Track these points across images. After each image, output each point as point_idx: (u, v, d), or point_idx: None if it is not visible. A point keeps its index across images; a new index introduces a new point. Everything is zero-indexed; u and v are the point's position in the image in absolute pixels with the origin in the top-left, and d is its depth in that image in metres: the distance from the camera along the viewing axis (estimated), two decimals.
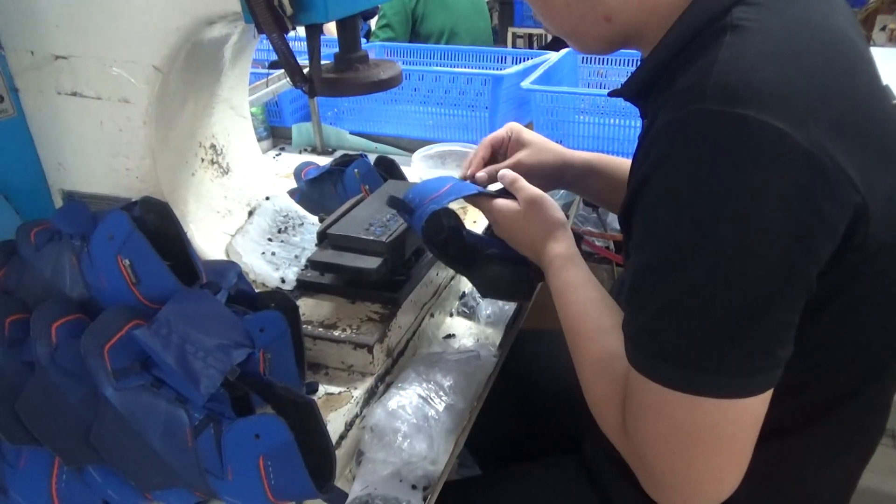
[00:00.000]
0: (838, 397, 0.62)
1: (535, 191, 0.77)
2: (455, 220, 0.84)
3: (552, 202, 0.78)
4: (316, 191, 1.13)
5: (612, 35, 0.64)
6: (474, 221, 1.14)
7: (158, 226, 0.72)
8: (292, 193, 1.13)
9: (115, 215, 0.65)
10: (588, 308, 0.69)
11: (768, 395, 0.53)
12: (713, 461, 0.54)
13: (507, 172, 0.80)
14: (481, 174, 0.87)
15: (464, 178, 0.88)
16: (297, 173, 1.19)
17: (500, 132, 0.91)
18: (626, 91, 0.65)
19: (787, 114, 0.47)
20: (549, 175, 0.89)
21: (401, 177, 1.13)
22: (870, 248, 0.52)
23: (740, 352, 0.50)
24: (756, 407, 0.52)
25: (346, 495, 0.62)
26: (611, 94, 0.69)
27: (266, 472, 0.58)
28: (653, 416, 0.55)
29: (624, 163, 0.91)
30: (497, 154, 0.92)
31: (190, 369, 0.58)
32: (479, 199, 0.81)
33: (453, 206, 0.83)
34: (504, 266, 0.83)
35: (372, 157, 1.14)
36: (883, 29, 3.72)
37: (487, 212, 0.81)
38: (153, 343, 0.58)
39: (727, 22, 0.53)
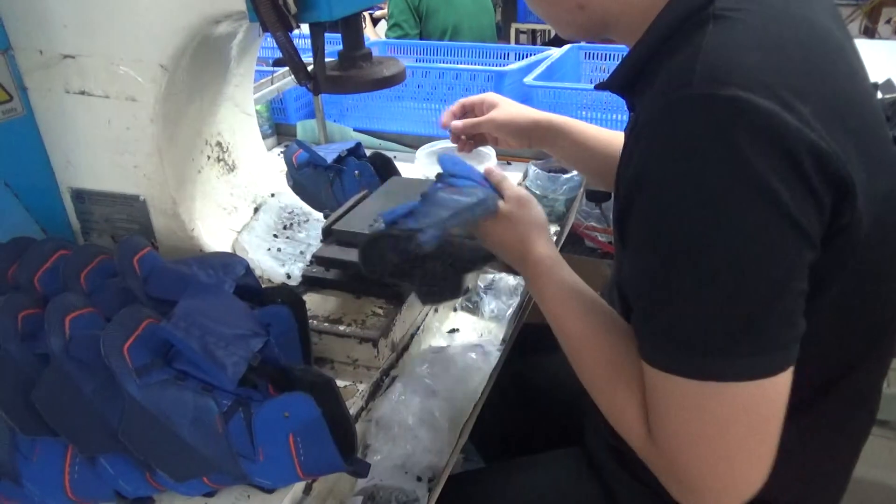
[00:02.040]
0: (828, 381, 0.62)
1: (522, 191, 0.77)
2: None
3: (535, 202, 0.77)
4: (311, 183, 1.13)
5: (586, 22, 0.64)
6: None
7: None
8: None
9: None
10: (588, 312, 0.67)
11: (791, 370, 0.52)
12: (750, 448, 0.53)
13: (494, 170, 0.80)
14: (457, 123, 0.98)
15: (443, 126, 0.99)
16: (288, 158, 1.18)
17: (475, 97, 1.01)
18: (612, 83, 0.65)
19: (774, 95, 0.48)
20: (517, 131, 0.98)
21: (396, 174, 1.14)
22: (857, 227, 0.52)
23: (763, 330, 0.50)
24: (784, 383, 0.52)
25: (369, 466, 0.64)
26: (597, 87, 0.69)
27: (296, 450, 0.59)
28: (684, 414, 0.53)
29: (588, 128, 0.99)
30: (469, 115, 1.02)
31: (215, 357, 0.59)
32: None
33: None
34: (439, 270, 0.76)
35: (369, 153, 1.15)
36: (888, 22, 3.70)
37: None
38: (178, 334, 0.59)
39: (709, 12, 0.53)
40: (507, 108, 0.99)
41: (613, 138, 0.96)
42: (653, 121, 0.52)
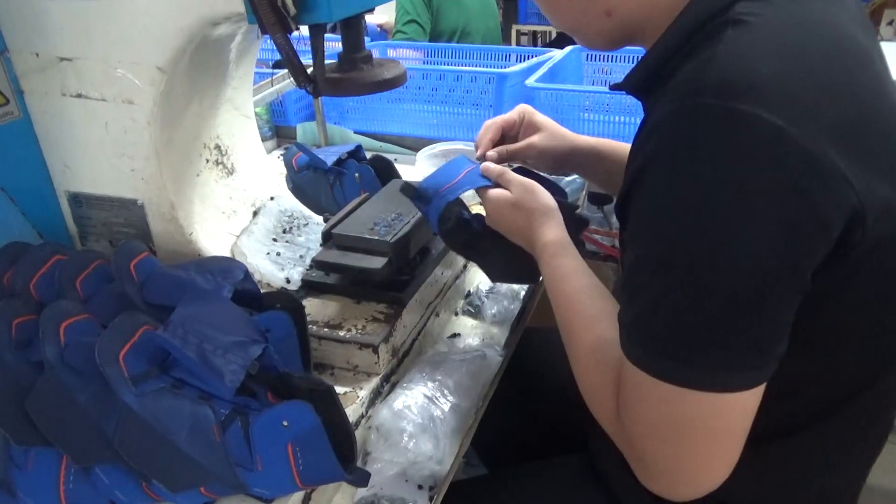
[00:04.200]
0: (843, 396, 0.62)
1: (524, 179, 0.78)
2: (462, 206, 0.83)
3: (541, 189, 0.77)
4: (311, 186, 1.12)
5: (613, 30, 0.64)
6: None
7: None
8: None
9: None
10: (581, 296, 0.69)
11: (760, 389, 0.53)
12: (703, 452, 0.54)
13: (491, 166, 0.80)
14: (492, 153, 0.88)
15: (477, 160, 0.87)
16: (288, 160, 1.17)
17: (512, 115, 0.92)
18: (627, 84, 0.65)
19: (784, 110, 0.47)
20: (557, 158, 0.91)
21: (397, 177, 1.13)
22: (866, 247, 0.52)
23: (731, 347, 0.50)
24: (747, 401, 0.53)
25: (369, 475, 0.64)
26: (612, 88, 0.69)
27: (295, 459, 0.59)
28: (645, 407, 0.55)
29: (625, 148, 0.92)
30: (507, 136, 0.92)
31: (212, 365, 0.58)
32: (477, 190, 0.81)
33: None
34: (510, 249, 0.81)
35: (370, 156, 1.14)
36: (890, 23, 3.69)
37: (483, 201, 0.81)
38: (174, 342, 0.59)
39: (730, 17, 0.53)
40: (549, 134, 0.90)
41: None
42: (662, 123, 0.52)
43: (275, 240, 0.98)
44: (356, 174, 1.08)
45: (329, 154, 1.13)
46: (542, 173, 0.86)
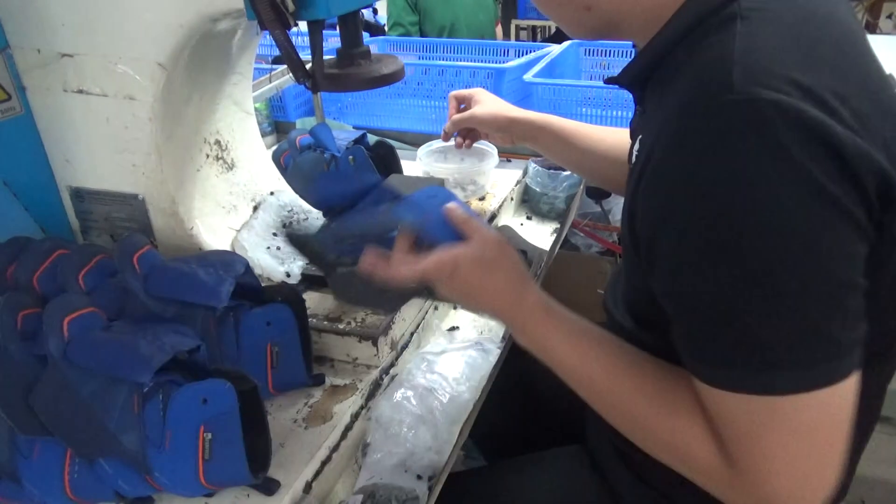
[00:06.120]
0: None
1: (495, 234, 0.67)
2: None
3: (507, 245, 0.67)
4: (310, 165, 1.12)
5: (594, 23, 0.64)
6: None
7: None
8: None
9: None
10: (611, 349, 0.63)
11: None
12: (835, 450, 0.52)
13: (456, 210, 0.67)
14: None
15: (445, 132, 1.10)
16: (292, 140, 1.17)
17: (464, 90, 1.10)
18: (624, 78, 0.64)
19: (816, 99, 0.47)
20: (498, 128, 1.06)
21: (398, 166, 1.14)
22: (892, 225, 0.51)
23: (839, 329, 0.49)
24: (856, 380, 0.51)
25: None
26: (607, 82, 0.68)
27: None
28: (772, 432, 0.51)
29: (569, 124, 1.02)
30: (463, 109, 1.10)
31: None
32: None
33: None
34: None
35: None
36: (889, 17, 3.69)
37: (438, 264, 0.64)
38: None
39: (734, 10, 0.52)
40: (489, 106, 1.05)
41: (595, 133, 1.00)
42: (690, 126, 0.49)
43: (275, 234, 0.99)
44: (350, 157, 1.09)
45: (337, 141, 1.14)
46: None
